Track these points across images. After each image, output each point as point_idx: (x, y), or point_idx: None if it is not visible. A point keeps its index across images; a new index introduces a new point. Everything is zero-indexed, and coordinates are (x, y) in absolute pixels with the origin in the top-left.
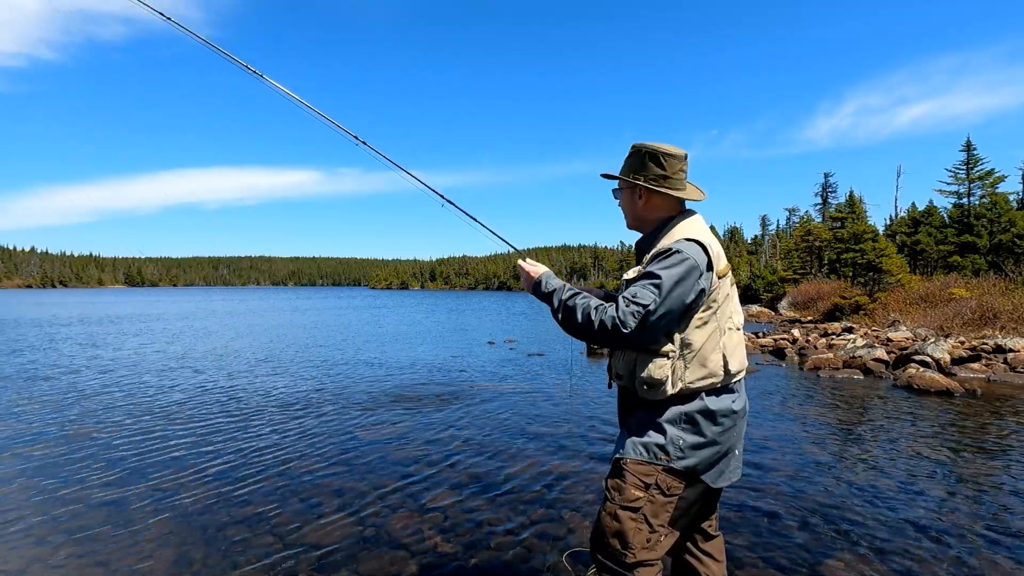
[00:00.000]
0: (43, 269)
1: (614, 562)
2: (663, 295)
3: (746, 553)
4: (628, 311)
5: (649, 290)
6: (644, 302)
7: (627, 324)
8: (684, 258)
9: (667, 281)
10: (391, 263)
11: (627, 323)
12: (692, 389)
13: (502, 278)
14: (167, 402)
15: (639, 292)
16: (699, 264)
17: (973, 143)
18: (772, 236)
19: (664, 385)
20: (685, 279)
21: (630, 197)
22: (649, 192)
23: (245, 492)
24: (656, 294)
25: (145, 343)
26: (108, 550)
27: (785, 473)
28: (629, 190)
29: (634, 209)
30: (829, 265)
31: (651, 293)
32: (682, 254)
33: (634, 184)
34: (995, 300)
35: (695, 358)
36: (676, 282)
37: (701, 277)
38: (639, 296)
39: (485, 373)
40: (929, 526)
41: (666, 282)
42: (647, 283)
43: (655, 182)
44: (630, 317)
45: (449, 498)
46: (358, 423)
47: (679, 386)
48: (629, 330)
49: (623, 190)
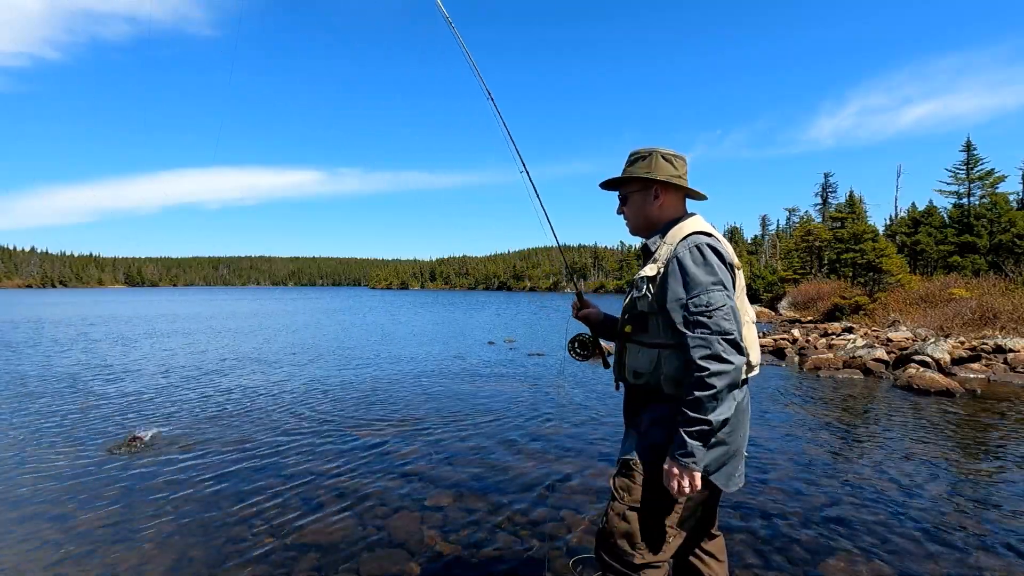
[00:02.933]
0: (43, 269)
1: (621, 563)
2: (710, 290)
3: (746, 553)
4: (706, 341)
5: (702, 297)
6: (707, 317)
7: (722, 356)
8: (706, 249)
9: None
10: (391, 263)
11: (721, 354)
12: None
13: (502, 278)
14: (167, 402)
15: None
16: (723, 253)
17: (973, 143)
18: (772, 236)
19: None
20: (716, 268)
21: (642, 200)
22: (666, 191)
23: (245, 492)
24: (707, 298)
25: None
26: (108, 550)
27: (785, 473)
28: (642, 192)
29: (648, 211)
30: (829, 265)
31: (704, 299)
32: (703, 247)
33: (651, 184)
34: (995, 300)
35: None
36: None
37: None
38: (702, 314)
39: (485, 373)
40: (929, 526)
41: (703, 277)
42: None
43: (671, 179)
44: (716, 342)
45: (449, 498)
46: (357, 423)
47: None
48: (725, 349)
49: (635, 193)
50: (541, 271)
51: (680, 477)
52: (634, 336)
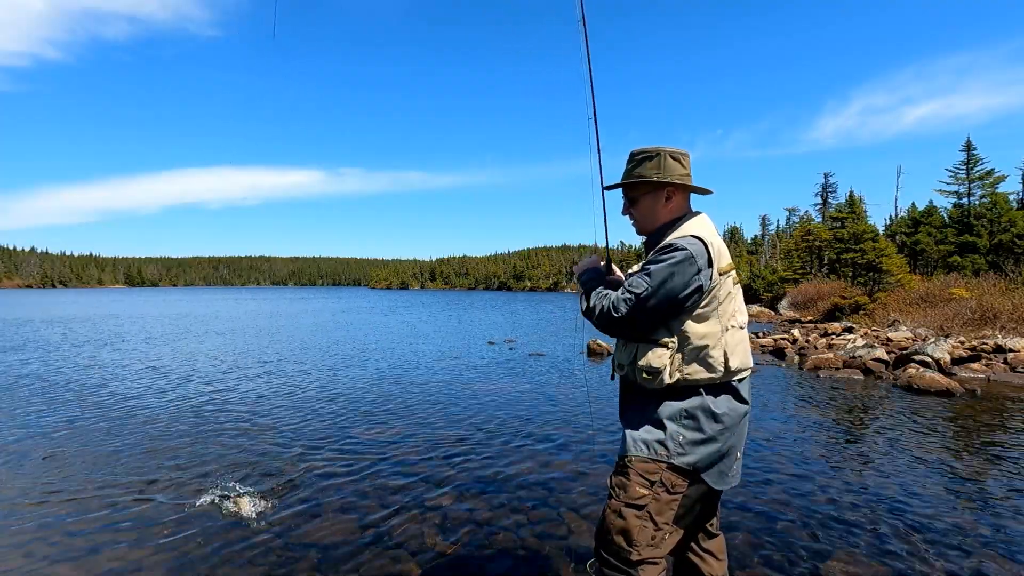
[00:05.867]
0: (43, 269)
1: (618, 559)
2: (655, 285)
3: (746, 552)
4: (621, 298)
5: (643, 279)
6: (636, 291)
7: (618, 309)
8: (683, 253)
9: (660, 273)
10: (391, 263)
11: (619, 308)
12: (691, 382)
13: (502, 278)
14: (172, 403)
15: (634, 282)
16: (697, 259)
17: (973, 143)
18: (772, 236)
19: (662, 374)
20: (679, 272)
21: (653, 202)
22: (676, 191)
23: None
24: (648, 283)
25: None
26: (108, 549)
27: (785, 473)
28: (653, 195)
29: (658, 212)
30: (829, 265)
31: (644, 282)
32: (683, 250)
33: (662, 186)
34: (995, 300)
35: (694, 352)
36: (670, 274)
37: (700, 273)
38: (633, 285)
39: (485, 373)
40: (929, 526)
41: (659, 273)
42: (642, 274)
43: (682, 179)
44: (622, 304)
45: (449, 498)
46: (357, 422)
47: (676, 376)
48: (620, 315)
49: (646, 195)
50: (541, 271)
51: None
52: None
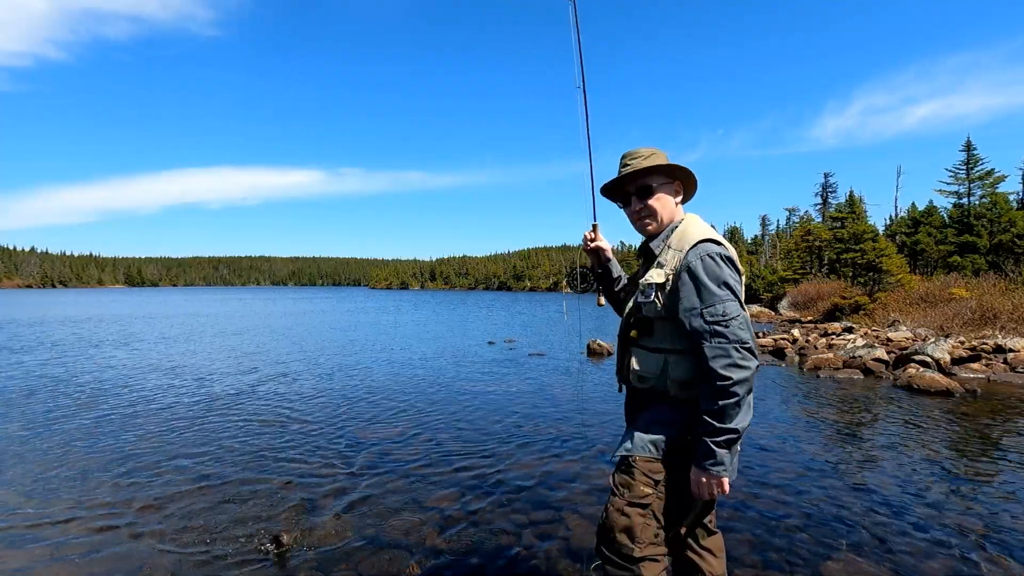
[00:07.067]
0: (43, 269)
1: (620, 556)
2: (736, 298)
3: (746, 552)
4: (729, 347)
5: (720, 303)
6: (730, 315)
7: (743, 363)
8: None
9: (730, 282)
10: (391, 263)
11: (742, 359)
12: None
13: (502, 278)
14: (173, 403)
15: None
16: (737, 262)
17: (973, 143)
18: (772, 236)
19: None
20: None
21: (670, 191)
22: (683, 187)
23: (244, 491)
24: (731, 298)
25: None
26: (108, 548)
27: (785, 473)
28: (669, 184)
29: (671, 207)
30: (829, 265)
31: (726, 307)
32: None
33: (673, 177)
34: (995, 300)
35: None
36: (735, 281)
37: (741, 276)
38: (720, 315)
39: (485, 373)
40: (929, 526)
41: (731, 285)
42: (710, 295)
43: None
44: (734, 350)
45: (449, 498)
46: (357, 422)
47: None
48: (746, 361)
49: (664, 184)
50: (541, 271)
51: (710, 486)
52: (640, 340)
